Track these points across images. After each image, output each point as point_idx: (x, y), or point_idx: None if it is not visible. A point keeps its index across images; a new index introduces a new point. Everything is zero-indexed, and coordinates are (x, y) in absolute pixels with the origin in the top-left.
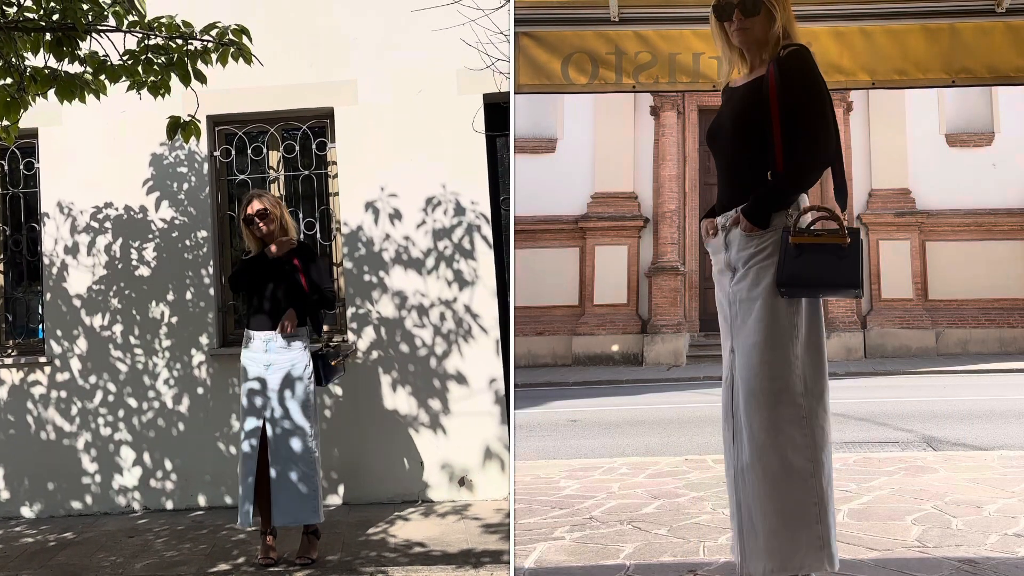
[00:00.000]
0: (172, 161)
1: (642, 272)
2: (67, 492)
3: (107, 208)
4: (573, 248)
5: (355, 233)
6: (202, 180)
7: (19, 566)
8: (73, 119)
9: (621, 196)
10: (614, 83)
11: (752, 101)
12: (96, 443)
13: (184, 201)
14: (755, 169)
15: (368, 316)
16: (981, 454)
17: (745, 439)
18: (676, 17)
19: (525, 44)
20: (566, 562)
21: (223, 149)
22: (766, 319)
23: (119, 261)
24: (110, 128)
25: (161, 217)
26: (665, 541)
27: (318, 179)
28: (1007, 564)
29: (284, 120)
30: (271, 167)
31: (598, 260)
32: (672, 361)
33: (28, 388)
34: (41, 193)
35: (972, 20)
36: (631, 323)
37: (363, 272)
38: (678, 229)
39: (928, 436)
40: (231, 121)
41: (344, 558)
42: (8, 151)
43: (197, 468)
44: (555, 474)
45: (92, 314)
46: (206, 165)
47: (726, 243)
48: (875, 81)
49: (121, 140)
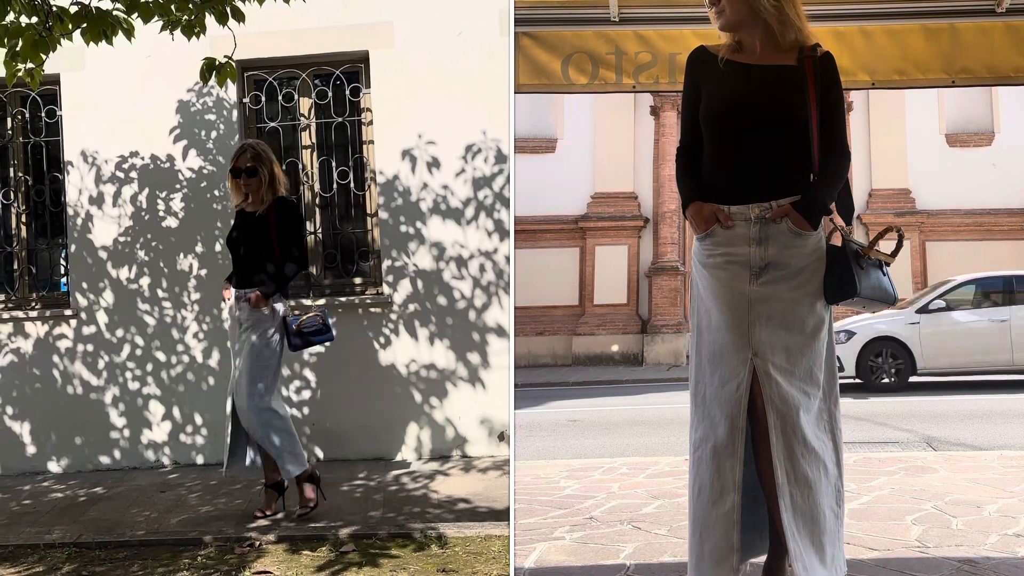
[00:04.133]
0: (200, 108)
1: (642, 272)
2: (95, 447)
3: (132, 157)
4: (573, 248)
5: (391, 182)
6: (231, 128)
7: (50, 521)
8: (96, 64)
9: (621, 196)
10: (614, 83)
11: (792, 90)
12: (124, 397)
13: (212, 150)
14: (796, 163)
15: (405, 269)
16: (981, 454)
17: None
18: (676, 17)
19: (525, 44)
20: (566, 562)
21: (252, 95)
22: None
23: (146, 212)
24: (135, 73)
25: (189, 166)
26: (665, 541)
27: (351, 126)
28: (1007, 564)
29: (316, 65)
30: (302, 114)
31: (598, 260)
32: (672, 361)
33: (54, 342)
34: (64, 142)
35: (972, 20)
36: (631, 323)
37: (399, 223)
38: (678, 229)
39: (928, 436)
40: (261, 66)
41: (387, 514)
42: (29, 98)
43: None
44: (555, 474)
45: (119, 266)
46: (235, 112)
47: (761, 237)
48: (875, 81)
49: (147, 86)
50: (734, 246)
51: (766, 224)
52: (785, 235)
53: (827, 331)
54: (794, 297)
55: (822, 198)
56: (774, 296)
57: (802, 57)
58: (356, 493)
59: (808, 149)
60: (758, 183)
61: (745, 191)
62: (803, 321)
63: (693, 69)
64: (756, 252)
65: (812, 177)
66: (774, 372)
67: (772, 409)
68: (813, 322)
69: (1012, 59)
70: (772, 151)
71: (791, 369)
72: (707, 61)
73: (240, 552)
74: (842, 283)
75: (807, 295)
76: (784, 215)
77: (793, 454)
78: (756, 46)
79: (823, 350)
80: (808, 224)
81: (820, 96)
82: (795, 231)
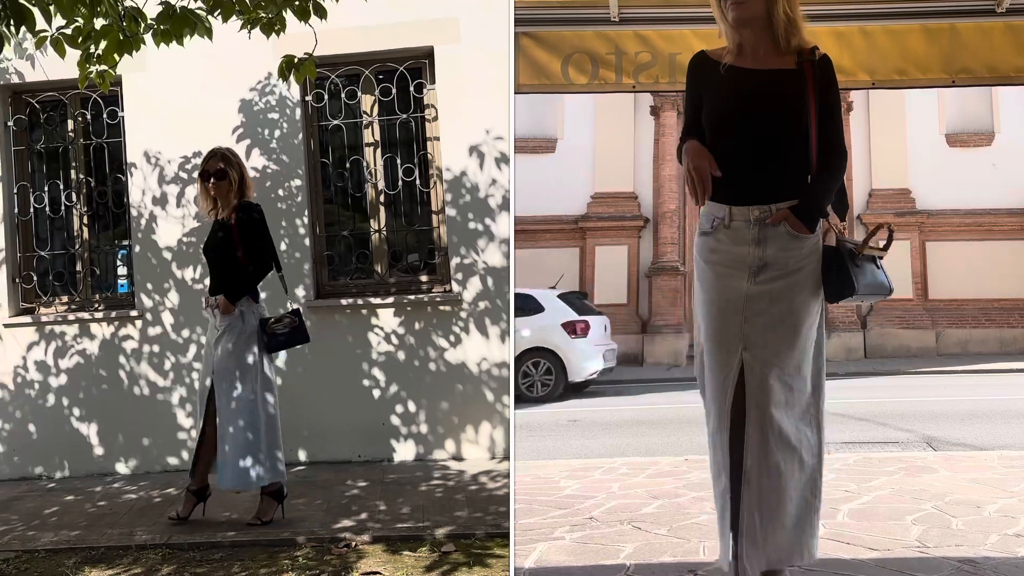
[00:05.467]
0: (262, 107)
1: (642, 272)
2: (163, 448)
3: (196, 157)
4: (573, 248)
5: (458, 179)
6: (294, 126)
7: (131, 522)
8: (159, 65)
9: (621, 196)
10: (614, 83)
11: (792, 95)
12: (191, 398)
13: (276, 149)
14: (797, 167)
15: (474, 266)
16: (981, 454)
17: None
18: (676, 17)
19: (525, 44)
20: (566, 562)
21: (315, 93)
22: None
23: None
24: (197, 73)
25: (252, 165)
26: (665, 541)
27: (416, 123)
28: (1007, 564)
29: (379, 62)
30: (365, 111)
31: (598, 260)
32: (672, 361)
33: (119, 343)
34: (126, 142)
35: (972, 20)
36: (631, 323)
37: (467, 220)
38: (678, 229)
39: (928, 436)
40: (323, 64)
41: (473, 513)
42: (91, 100)
43: (295, 423)
44: (555, 474)
45: (183, 267)
46: (298, 111)
47: (759, 238)
48: (875, 81)
49: (209, 85)
50: (735, 245)
51: (765, 226)
52: (783, 237)
53: (817, 329)
54: (788, 296)
55: (819, 202)
56: (769, 294)
57: (802, 61)
58: (437, 493)
59: (808, 152)
60: (759, 186)
61: (747, 194)
62: (795, 319)
63: (695, 75)
64: (755, 252)
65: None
66: (759, 366)
67: (752, 400)
68: (805, 320)
69: (1012, 59)
70: (773, 155)
71: (778, 364)
72: (708, 67)
73: (338, 552)
74: (840, 282)
75: (801, 294)
76: (783, 219)
77: (767, 444)
78: (759, 49)
79: (811, 347)
80: (806, 228)
81: (819, 99)
82: (793, 234)
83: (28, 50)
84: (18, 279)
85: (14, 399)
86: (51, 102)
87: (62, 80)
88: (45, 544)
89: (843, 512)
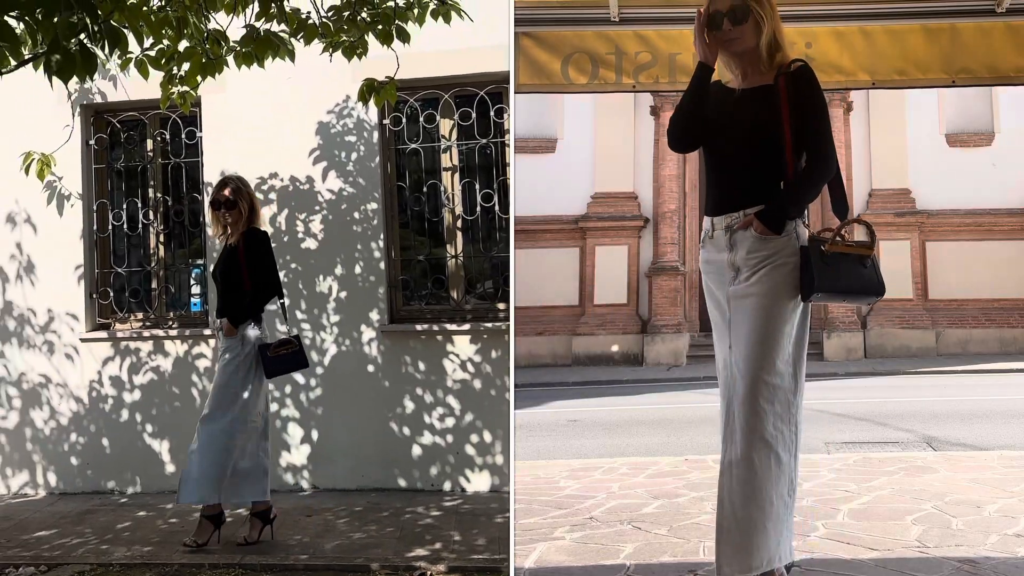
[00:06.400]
0: (340, 130)
1: (642, 272)
2: None
3: (272, 179)
4: (573, 248)
5: None
6: (371, 149)
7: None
8: (237, 86)
9: (621, 196)
10: (614, 83)
11: (763, 108)
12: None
13: (352, 171)
14: (766, 175)
15: None
16: (981, 454)
17: (739, 434)
18: (676, 17)
19: (525, 44)
20: (566, 562)
21: (393, 117)
22: (769, 319)
23: (285, 233)
24: (275, 95)
25: (328, 188)
26: (665, 541)
27: (495, 148)
28: (1007, 564)
29: (459, 86)
30: (443, 136)
31: (598, 260)
32: (672, 361)
33: (192, 361)
34: (204, 162)
35: (972, 20)
36: (631, 323)
37: None
38: (678, 229)
39: (928, 436)
40: (402, 88)
41: None
42: (170, 120)
43: (367, 448)
44: (555, 474)
45: None
46: (375, 134)
47: (731, 244)
48: (875, 81)
49: (287, 107)
50: (717, 253)
51: (735, 232)
52: (750, 240)
53: (795, 326)
54: (761, 296)
55: (785, 205)
56: (746, 294)
57: (778, 75)
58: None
59: (781, 161)
60: (731, 196)
61: (722, 204)
62: (768, 318)
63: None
64: (728, 258)
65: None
66: (738, 363)
67: (736, 397)
68: (778, 319)
69: (1012, 59)
70: (746, 167)
71: (754, 361)
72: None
73: None
74: (806, 281)
75: (773, 294)
76: (749, 224)
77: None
78: (747, 70)
79: (789, 344)
80: (769, 230)
81: (793, 109)
82: (759, 237)
83: (111, 71)
84: (95, 294)
85: (88, 413)
86: (131, 122)
87: (142, 100)
88: (119, 559)
89: (843, 512)
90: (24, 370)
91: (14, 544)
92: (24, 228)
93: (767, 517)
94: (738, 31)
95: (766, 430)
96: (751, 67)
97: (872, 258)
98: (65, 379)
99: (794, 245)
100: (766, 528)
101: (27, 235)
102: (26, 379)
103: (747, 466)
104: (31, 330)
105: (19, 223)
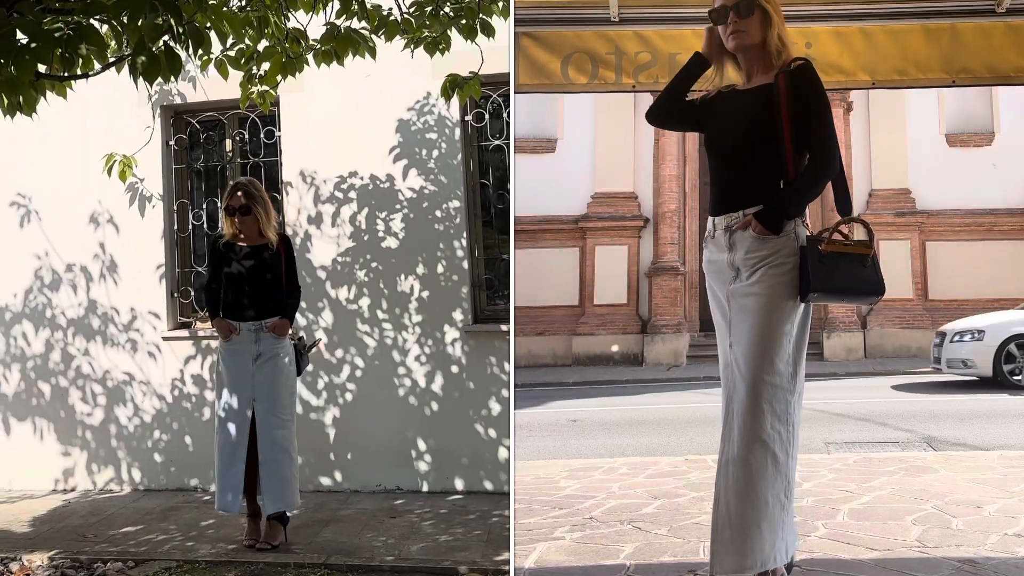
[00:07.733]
0: (420, 127)
1: (642, 272)
2: (315, 468)
3: (351, 177)
4: (573, 248)
5: None
6: (453, 147)
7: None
8: (316, 85)
9: (621, 196)
10: (614, 83)
11: (763, 107)
12: (344, 419)
13: (434, 169)
14: (766, 175)
15: None
16: (981, 454)
17: (737, 433)
18: (676, 17)
19: (525, 44)
20: (566, 562)
21: (475, 113)
22: (769, 319)
23: (365, 232)
24: (354, 93)
25: (409, 186)
26: (665, 541)
27: None
28: (1007, 564)
29: None
30: None
31: (598, 260)
32: (672, 361)
33: None
34: (282, 162)
35: (972, 20)
36: (631, 323)
37: None
38: (678, 229)
39: (928, 436)
40: (484, 83)
41: None
42: (249, 120)
43: (453, 450)
44: (555, 474)
45: (337, 287)
46: (457, 130)
47: (730, 244)
48: (875, 81)
49: (366, 105)
50: (718, 253)
51: (734, 232)
52: (749, 240)
53: (793, 325)
54: (760, 293)
55: (783, 204)
56: (746, 294)
57: (778, 74)
58: None
59: (779, 159)
60: (730, 196)
61: (722, 204)
62: (767, 316)
63: None
64: (728, 258)
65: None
66: (737, 362)
67: (735, 396)
68: (777, 318)
69: (1012, 59)
70: (745, 167)
71: (753, 360)
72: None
73: None
74: (803, 281)
75: (771, 293)
76: (747, 224)
77: (740, 438)
78: (752, 70)
79: (788, 344)
80: (767, 230)
81: (792, 108)
82: (757, 236)
83: (190, 72)
84: (176, 293)
85: (171, 411)
86: (210, 122)
87: (221, 101)
88: (204, 556)
89: (843, 512)
90: (108, 368)
91: (101, 539)
92: (107, 228)
93: (762, 518)
94: (743, 24)
95: (764, 430)
96: (757, 66)
97: (872, 257)
98: (148, 377)
99: (793, 245)
100: (761, 529)
101: (110, 235)
102: (110, 377)
103: (743, 466)
104: (115, 328)
105: (102, 223)
